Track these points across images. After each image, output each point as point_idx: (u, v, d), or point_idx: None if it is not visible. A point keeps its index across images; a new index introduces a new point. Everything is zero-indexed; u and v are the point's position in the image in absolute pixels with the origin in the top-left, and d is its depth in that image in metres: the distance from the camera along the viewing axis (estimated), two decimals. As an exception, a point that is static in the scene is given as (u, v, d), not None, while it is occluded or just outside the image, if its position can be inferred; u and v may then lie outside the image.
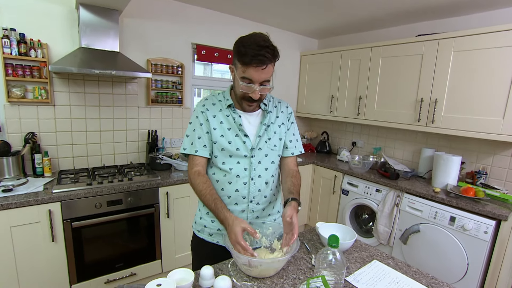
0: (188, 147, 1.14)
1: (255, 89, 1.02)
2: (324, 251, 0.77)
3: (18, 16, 1.84)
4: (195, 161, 1.13)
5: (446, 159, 2.15)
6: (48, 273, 1.69)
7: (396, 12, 2.40)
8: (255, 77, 1.00)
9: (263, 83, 1.02)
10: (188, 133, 1.15)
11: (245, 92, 1.04)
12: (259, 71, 0.99)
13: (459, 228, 1.87)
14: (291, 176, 1.20)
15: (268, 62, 0.99)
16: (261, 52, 0.96)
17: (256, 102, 1.09)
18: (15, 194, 1.61)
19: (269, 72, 1.01)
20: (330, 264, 0.75)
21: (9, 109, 1.90)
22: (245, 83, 1.02)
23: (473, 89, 2.02)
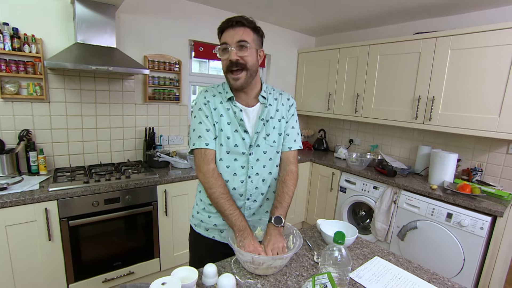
0: (197, 142, 1.07)
1: (231, 50, 0.99)
2: (329, 247, 0.77)
3: (10, 10, 1.79)
4: (208, 155, 1.06)
5: (442, 156, 2.17)
6: (45, 272, 1.67)
7: (394, 10, 2.41)
8: (228, 38, 1.00)
9: (239, 44, 0.99)
10: (194, 127, 1.09)
11: (225, 59, 1.02)
12: (232, 32, 1.00)
13: (456, 224, 1.90)
14: (281, 181, 1.14)
15: (239, 25, 1.00)
16: (231, 18, 1.01)
17: (240, 69, 1.01)
18: (10, 192, 1.58)
19: (245, 35, 1.00)
20: (335, 261, 0.75)
21: (2, 105, 1.85)
22: (223, 48, 1.02)
23: (470, 87, 2.04)
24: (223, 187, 1.06)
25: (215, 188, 1.05)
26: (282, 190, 1.12)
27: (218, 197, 1.04)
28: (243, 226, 1.02)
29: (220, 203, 1.04)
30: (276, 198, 1.13)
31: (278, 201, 1.11)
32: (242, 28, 1.00)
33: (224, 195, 1.05)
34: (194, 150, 1.09)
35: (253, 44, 1.02)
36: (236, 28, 1.00)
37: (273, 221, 1.04)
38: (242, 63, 1.01)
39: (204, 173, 1.07)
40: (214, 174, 1.06)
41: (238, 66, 1.01)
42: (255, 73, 1.06)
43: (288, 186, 1.13)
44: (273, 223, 1.03)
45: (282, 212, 1.08)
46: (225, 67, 1.04)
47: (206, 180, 1.06)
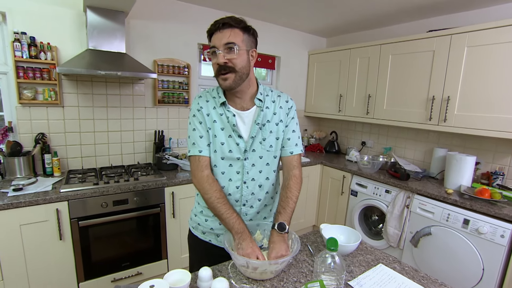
0: (191, 149, 1.07)
1: (219, 53, 0.96)
2: (322, 254, 0.74)
3: (28, 20, 1.89)
4: (202, 162, 1.06)
5: (459, 159, 2.06)
6: (56, 271, 1.73)
7: (406, 7, 2.33)
8: (216, 41, 0.97)
9: (226, 46, 0.96)
10: (189, 134, 1.09)
11: (213, 63, 1.00)
12: (219, 35, 0.97)
13: (474, 231, 1.79)
14: (284, 186, 1.11)
15: (226, 27, 0.97)
16: (219, 20, 0.98)
17: (229, 72, 0.98)
18: (25, 193, 1.65)
19: (232, 36, 0.96)
20: (329, 268, 0.72)
21: (20, 110, 1.95)
22: (212, 51, 0.99)
23: (489, 85, 1.93)
24: (219, 192, 1.05)
25: (210, 193, 1.04)
26: (286, 195, 1.09)
27: (214, 201, 1.03)
28: (241, 228, 1.00)
29: (217, 208, 1.03)
30: (279, 204, 1.10)
31: (282, 206, 1.07)
32: (229, 29, 0.96)
33: (220, 199, 1.03)
34: (190, 157, 1.09)
35: (242, 45, 0.98)
36: (224, 30, 0.96)
37: (276, 228, 1.00)
38: (231, 66, 0.97)
39: (198, 180, 1.06)
40: (208, 180, 1.05)
41: (226, 69, 0.97)
42: (246, 75, 1.02)
43: (292, 191, 1.10)
44: (276, 230, 1.00)
45: (286, 218, 1.04)
46: (215, 70, 1.01)
47: (200, 187, 1.06)
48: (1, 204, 1.50)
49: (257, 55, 1.06)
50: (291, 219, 1.06)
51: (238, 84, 1.02)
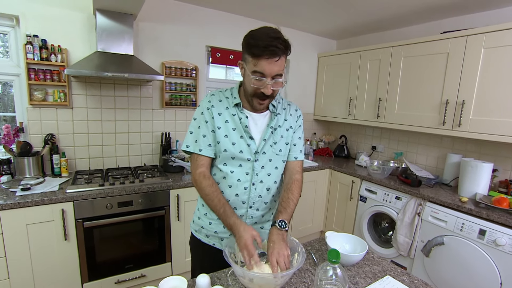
0: (191, 145, 1.07)
1: (268, 84, 0.94)
2: (323, 266, 0.70)
3: (40, 23, 1.93)
4: (199, 161, 1.07)
5: (475, 166, 1.97)
6: (61, 271, 1.74)
7: (419, 8, 2.26)
8: (267, 70, 0.92)
9: (275, 77, 0.95)
10: (191, 130, 1.08)
11: (256, 87, 0.97)
12: (272, 63, 0.92)
13: (490, 242, 1.70)
14: (287, 188, 1.11)
15: (281, 54, 0.92)
16: (273, 43, 0.90)
17: (268, 98, 1.01)
18: (32, 193, 1.67)
19: (281, 65, 0.94)
20: (330, 281, 0.68)
21: (31, 111, 1.99)
22: (257, 77, 0.94)
23: (507, 88, 1.84)
24: (210, 186, 1.05)
25: (202, 188, 1.05)
26: (287, 197, 1.09)
27: (205, 196, 1.05)
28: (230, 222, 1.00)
29: (208, 203, 1.05)
30: (280, 204, 1.09)
31: (283, 206, 1.07)
32: (282, 58, 0.93)
33: (210, 194, 1.04)
34: (191, 153, 1.09)
35: (284, 70, 0.98)
36: (278, 61, 0.92)
37: (277, 224, 0.99)
38: (273, 94, 1.01)
39: (194, 176, 1.08)
40: (200, 177, 1.06)
41: (268, 97, 1.00)
42: None
43: (294, 193, 1.10)
44: (277, 226, 0.99)
45: (287, 217, 1.04)
46: (253, 91, 0.99)
47: (196, 183, 1.07)
48: (9, 204, 1.52)
49: None
50: (290, 219, 1.07)
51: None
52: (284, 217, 1.02)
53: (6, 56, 1.99)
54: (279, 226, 0.99)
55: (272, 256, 0.91)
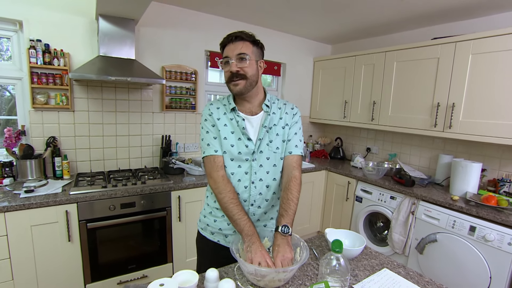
0: (206, 150, 1.14)
1: (232, 62, 1.07)
2: (327, 256, 0.76)
3: (43, 28, 1.96)
4: (218, 162, 1.12)
5: (465, 166, 2.06)
6: (64, 271, 1.76)
7: (411, 15, 2.36)
8: (229, 52, 1.07)
9: (238, 56, 1.06)
10: (202, 137, 1.17)
11: (226, 71, 1.09)
12: (232, 46, 1.07)
13: (480, 238, 1.78)
14: (285, 188, 1.14)
15: (239, 39, 1.07)
16: (231, 34, 1.09)
17: (240, 79, 1.07)
18: (36, 195, 1.69)
19: (242, 48, 1.07)
20: (333, 270, 0.74)
21: (33, 114, 2.01)
22: (224, 61, 1.09)
23: (494, 92, 1.94)
24: (233, 193, 1.09)
25: (224, 193, 1.08)
26: (287, 197, 1.11)
27: (227, 202, 1.07)
28: (251, 231, 1.03)
29: (229, 208, 1.07)
30: (281, 206, 1.12)
31: (284, 209, 1.09)
32: (241, 42, 1.07)
33: (233, 200, 1.07)
34: (205, 158, 1.14)
35: (252, 56, 1.09)
36: (236, 43, 1.07)
37: (280, 230, 1.03)
38: (242, 73, 1.08)
39: (214, 179, 1.11)
40: (224, 180, 1.10)
41: (238, 76, 1.08)
42: (255, 82, 1.12)
43: (293, 193, 1.12)
44: (280, 232, 1.02)
45: (289, 220, 1.06)
46: (227, 78, 1.11)
47: (216, 186, 1.10)
48: (14, 205, 1.55)
49: (264, 66, 1.16)
50: (293, 220, 1.09)
51: (248, 90, 1.11)
52: (286, 221, 1.05)
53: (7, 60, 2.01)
54: (282, 232, 1.02)
55: (277, 259, 0.96)
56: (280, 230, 1.02)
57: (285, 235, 1.02)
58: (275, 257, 0.97)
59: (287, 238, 1.02)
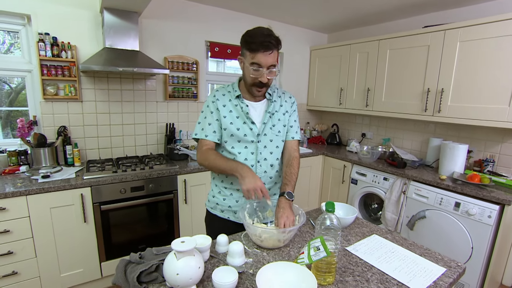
0: (198, 132, 1.27)
1: (264, 73, 1.13)
2: (322, 216, 0.89)
3: (51, 21, 2.04)
4: (204, 143, 1.25)
5: (452, 148, 2.20)
6: (81, 250, 1.90)
7: (403, 4, 2.45)
8: (263, 62, 1.11)
9: (269, 67, 1.13)
10: (199, 121, 1.29)
11: (255, 77, 1.15)
12: (266, 56, 1.11)
13: (464, 213, 1.94)
14: (288, 165, 1.28)
15: (274, 48, 1.12)
16: (266, 39, 1.10)
17: (265, 86, 1.19)
18: (52, 180, 1.82)
19: (274, 57, 1.13)
20: (327, 228, 0.87)
21: (44, 105, 2.11)
22: (255, 68, 1.13)
23: (479, 78, 2.06)
24: (215, 153, 1.23)
25: (208, 156, 1.21)
26: (290, 171, 1.27)
27: (213, 160, 1.20)
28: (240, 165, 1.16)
29: (217, 163, 1.20)
30: (284, 177, 1.27)
31: (288, 179, 1.25)
32: (274, 51, 1.13)
33: (217, 156, 1.21)
34: (195, 139, 1.28)
35: (277, 64, 1.17)
36: (271, 53, 1.11)
37: (286, 195, 1.18)
38: (269, 83, 1.18)
39: (201, 153, 1.24)
40: (207, 149, 1.23)
41: (265, 86, 1.18)
42: None
43: (295, 168, 1.28)
44: (285, 197, 1.17)
45: (291, 189, 1.22)
46: (252, 81, 1.18)
47: (202, 157, 1.23)
48: (34, 189, 1.67)
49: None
50: (294, 188, 1.24)
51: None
52: (290, 189, 1.21)
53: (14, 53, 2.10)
54: (287, 196, 1.17)
55: (281, 219, 1.10)
56: (285, 195, 1.17)
57: (288, 199, 1.16)
58: (280, 217, 1.11)
59: (290, 203, 1.16)
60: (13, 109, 2.21)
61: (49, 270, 1.80)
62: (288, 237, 1.08)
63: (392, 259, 1.05)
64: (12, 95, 2.23)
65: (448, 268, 1.00)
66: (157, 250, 1.01)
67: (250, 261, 1.01)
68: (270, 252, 1.07)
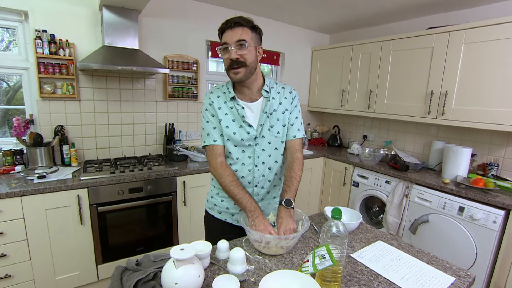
0: (206, 139, 1.20)
1: (231, 49, 1.07)
2: (328, 223, 0.86)
3: (48, 18, 2.00)
4: (216, 151, 1.18)
5: (456, 151, 2.17)
6: (77, 253, 1.85)
7: (407, 5, 2.42)
8: (228, 39, 1.08)
9: (238, 43, 1.07)
10: (203, 126, 1.23)
11: (226, 58, 1.10)
12: (231, 33, 1.07)
13: (468, 218, 1.90)
14: (289, 168, 1.23)
15: (238, 25, 1.07)
16: (230, 20, 1.09)
17: (241, 67, 1.09)
18: (48, 180, 1.77)
19: (241, 34, 1.07)
20: (334, 235, 0.83)
21: (41, 104, 2.07)
22: (223, 48, 1.10)
23: (484, 80, 2.03)
24: (232, 176, 1.16)
25: (224, 178, 1.16)
26: (290, 175, 1.21)
27: (228, 185, 1.15)
28: (253, 207, 1.12)
29: (231, 190, 1.15)
30: (285, 183, 1.22)
31: (287, 185, 1.20)
32: (240, 28, 1.07)
33: (233, 182, 1.15)
34: (205, 146, 1.22)
35: (251, 42, 1.09)
36: (235, 29, 1.07)
37: (284, 203, 1.13)
38: (242, 60, 1.09)
39: (213, 166, 1.19)
40: (222, 166, 1.18)
41: (238, 64, 1.09)
42: (255, 68, 1.14)
43: (296, 172, 1.22)
44: (283, 205, 1.13)
45: (291, 195, 1.17)
46: (226, 65, 1.12)
47: (216, 172, 1.18)
48: (29, 190, 1.63)
49: (263, 51, 1.18)
50: (295, 196, 1.19)
51: (248, 77, 1.14)
52: (289, 196, 1.16)
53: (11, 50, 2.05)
54: (285, 205, 1.13)
55: (280, 230, 1.07)
56: (283, 203, 1.13)
57: (287, 208, 1.12)
58: (279, 228, 1.08)
59: (290, 211, 1.12)
60: (10, 108, 2.17)
61: (43, 273, 1.76)
62: (290, 244, 1.05)
63: (398, 267, 1.01)
64: (10, 93, 2.19)
65: (457, 277, 0.96)
66: (154, 256, 0.97)
67: (251, 268, 0.97)
68: (272, 259, 1.03)
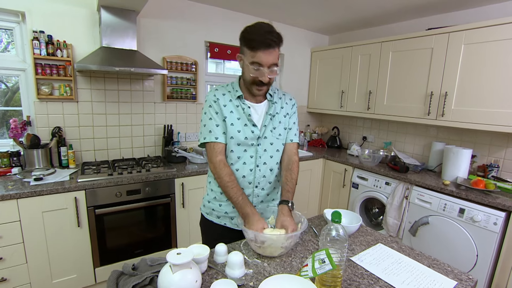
0: (207, 136, 1.17)
1: (265, 72, 1.07)
2: (327, 227, 0.84)
3: (46, 19, 1.98)
4: (217, 148, 1.17)
5: (456, 152, 2.16)
6: (74, 256, 1.84)
7: (407, 6, 2.41)
8: (264, 61, 1.05)
9: (270, 66, 1.07)
10: (204, 123, 1.19)
11: (255, 76, 1.09)
12: (267, 54, 1.04)
13: (468, 219, 1.89)
14: (288, 169, 1.25)
15: (275, 46, 1.05)
16: (267, 37, 1.03)
17: (266, 86, 1.13)
18: (45, 182, 1.76)
19: (276, 56, 1.07)
20: (333, 239, 0.82)
21: (38, 105, 2.05)
22: (255, 67, 1.07)
23: (484, 81, 2.02)
24: (229, 175, 1.15)
25: (222, 177, 1.15)
26: (291, 177, 1.23)
27: (224, 185, 1.15)
28: (248, 207, 1.10)
29: (227, 190, 1.15)
30: (285, 183, 1.22)
31: (289, 185, 1.21)
32: (276, 49, 1.06)
33: (229, 182, 1.14)
34: (206, 143, 1.19)
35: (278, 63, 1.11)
36: (273, 51, 1.05)
37: (284, 203, 1.14)
38: (270, 82, 1.12)
39: (214, 164, 1.17)
40: (221, 165, 1.16)
41: (265, 85, 1.12)
42: None
43: (295, 173, 1.25)
44: (283, 204, 1.14)
45: (291, 196, 1.19)
46: (252, 80, 1.11)
47: (215, 171, 1.17)
48: (25, 192, 1.61)
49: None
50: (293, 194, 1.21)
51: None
52: (288, 196, 1.18)
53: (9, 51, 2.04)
54: (285, 204, 1.14)
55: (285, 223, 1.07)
56: (284, 202, 1.14)
57: (290, 208, 1.12)
58: (277, 223, 1.08)
59: (290, 210, 1.12)
60: (7, 109, 2.15)
61: (40, 276, 1.74)
62: (286, 244, 1.03)
63: (399, 270, 1.00)
64: (9, 94, 2.17)
65: (459, 281, 0.95)
66: (151, 260, 0.95)
67: (250, 272, 0.95)
68: (271, 262, 1.01)
